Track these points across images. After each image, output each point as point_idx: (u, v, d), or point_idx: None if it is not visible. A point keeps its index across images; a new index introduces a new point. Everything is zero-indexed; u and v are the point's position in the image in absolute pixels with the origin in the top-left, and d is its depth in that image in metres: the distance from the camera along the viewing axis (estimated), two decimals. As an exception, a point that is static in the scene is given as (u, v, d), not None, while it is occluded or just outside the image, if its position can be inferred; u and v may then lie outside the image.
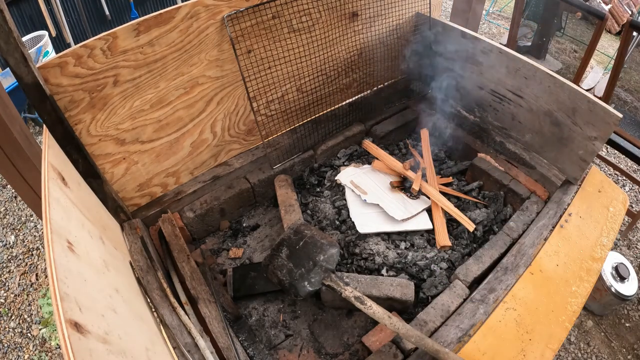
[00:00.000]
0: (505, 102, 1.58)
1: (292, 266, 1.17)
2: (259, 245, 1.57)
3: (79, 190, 1.12)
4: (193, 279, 1.26)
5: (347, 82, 1.76)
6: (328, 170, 1.75)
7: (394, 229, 1.47)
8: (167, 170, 1.48)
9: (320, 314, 1.35)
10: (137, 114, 1.29)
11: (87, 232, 0.97)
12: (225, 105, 1.49)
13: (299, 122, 1.71)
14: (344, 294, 1.12)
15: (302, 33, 1.46)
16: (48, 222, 0.76)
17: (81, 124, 1.19)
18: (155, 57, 1.22)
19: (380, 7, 1.61)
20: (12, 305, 2.39)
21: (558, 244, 1.24)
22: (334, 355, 1.25)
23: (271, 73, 1.45)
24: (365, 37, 1.64)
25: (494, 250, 1.33)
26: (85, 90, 1.14)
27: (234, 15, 1.29)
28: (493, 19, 5.61)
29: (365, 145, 1.81)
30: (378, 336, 1.19)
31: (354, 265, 1.41)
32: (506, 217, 1.52)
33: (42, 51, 3.53)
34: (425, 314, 1.17)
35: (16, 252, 2.68)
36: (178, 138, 1.44)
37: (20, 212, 2.95)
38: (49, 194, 0.83)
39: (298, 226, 1.28)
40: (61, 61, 1.06)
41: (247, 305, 1.38)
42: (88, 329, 0.66)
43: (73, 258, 0.79)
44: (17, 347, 2.19)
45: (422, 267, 1.38)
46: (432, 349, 1.00)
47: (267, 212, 1.70)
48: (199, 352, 1.05)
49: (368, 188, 1.59)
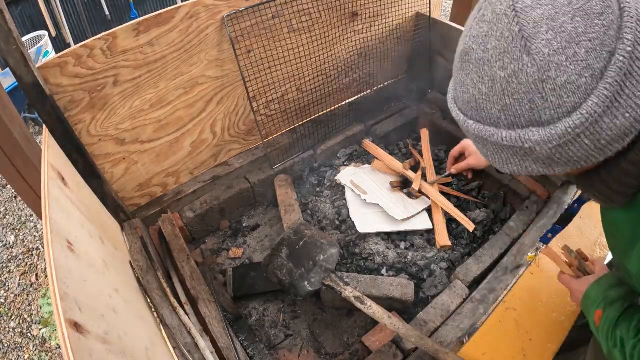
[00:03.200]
0: (505, 102, 1.57)
1: (292, 266, 1.17)
2: (259, 245, 1.57)
3: (79, 190, 1.12)
4: (193, 279, 1.26)
5: (347, 82, 1.76)
6: (328, 170, 1.75)
7: (394, 229, 1.47)
8: (167, 170, 1.48)
9: (320, 314, 1.35)
10: (137, 114, 1.29)
11: (87, 232, 0.97)
12: (225, 105, 1.49)
13: (299, 122, 1.71)
14: (344, 294, 1.12)
15: (302, 33, 1.46)
16: (48, 222, 0.76)
17: (81, 124, 1.19)
18: (155, 57, 1.22)
19: (380, 7, 1.61)
20: (12, 305, 2.39)
21: (558, 244, 1.24)
22: (334, 355, 1.25)
23: (271, 73, 1.45)
24: (365, 37, 1.64)
25: (494, 250, 1.33)
26: (85, 90, 1.14)
27: (234, 15, 1.29)
28: (493, 18, 5.60)
29: (365, 145, 1.81)
30: (378, 336, 1.19)
31: (354, 265, 1.41)
32: (506, 217, 1.52)
33: (42, 51, 3.53)
34: (425, 314, 1.17)
35: (16, 252, 2.69)
36: (178, 138, 1.44)
37: (20, 212, 2.95)
38: (49, 194, 0.83)
39: (298, 226, 1.28)
40: (61, 61, 1.06)
41: (247, 305, 1.38)
42: (88, 329, 0.66)
43: (73, 258, 0.79)
44: (17, 347, 2.19)
45: (422, 267, 1.38)
46: (432, 349, 1.00)
47: (267, 212, 1.70)
48: (199, 352, 1.05)
49: (368, 188, 1.59)
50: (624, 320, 0.73)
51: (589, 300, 0.84)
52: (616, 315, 0.75)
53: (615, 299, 0.78)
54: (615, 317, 0.75)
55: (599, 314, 0.79)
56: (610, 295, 0.79)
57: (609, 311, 0.77)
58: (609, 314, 0.76)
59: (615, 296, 0.78)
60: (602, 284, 0.84)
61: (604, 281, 0.85)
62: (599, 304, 0.80)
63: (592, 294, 0.84)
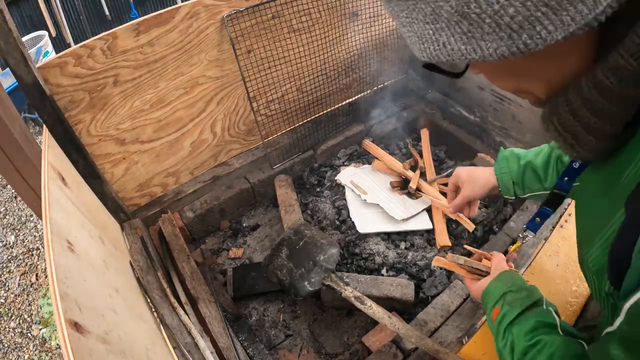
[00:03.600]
0: (505, 102, 1.58)
1: (292, 266, 1.17)
2: (259, 245, 1.57)
3: (79, 190, 1.12)
4: (193, 279, 1.26)
5: (347, 82, 1.76)
6: (328, 170, 1.75)
7: (394, 229, 1.47)
8: (167, 170, 1.48)
9: (320, 314, 1.35)
10: (137, 114, 1.29)
11: (87, 232, 0.97)
12: (225, 105, 1.49)
13: (299, 122, 1.71)
14: (344, 294, 1.12)
15: (302, 33, 1.46)
16: (48, 222, 0.76)
17: (81, 124, 1.19)
18: (155, 57, 1.22)
19: (380, 7, 1.61)
20: (12, 305, 2.39)
21: (558, 244, 1.24)
22: (334, 355, 1.25)
23: (271, 73, 1.45)
24: (365, 37, 1.64)
25: (494, 250, 1.33)
26: (85, 90, 1.14)
27: (234, 15, 1.29)
28: (493, 18, 5.61)
29: (365, 145, 1.81)
30: (378, 336, 1.19)
31: (354, 265, 1.41)
32: (506, 217, 1.52)
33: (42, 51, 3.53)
34: (425, 314, 1.17)
35: (16, 252, 2.68)
36: (178, 138, 1.44)
37: (20, 212, 2.95)
38: (49, 194, 0.83)
39: (298, 226, 1.28)
40: (61, 61, 1.06)
41: (247, 305, 1.38)
42: (88, 329, 0.66)
43: (73, 258, 0.79)
44: (17, 347, 2.19)
45: (422, 267, 1.38)
46: (432, 349, 1.00)
47: (267, 212, 1.70)
48: (199, 352, 1.05)
49: (368, 188, 1.59)
50: (519, 322, 0.70)
51: (488, 296, 0.81)
52: (512, 315, 0.72)
53: (516, 298, 0.75)
54: (511, 318, 0.72)
55: (497, 311, 0.76)
56: (510, 295, 0.76)
57: (506, 309, 0.74)
58: (506, 313, 0.73)
59: (516, 296, 0.75)
60: (503, 280, 0.81)
61: (504, 277, 0.82)
62: (496, 301, 0.78)
63: (491, 290, 0.81)
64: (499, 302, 0.77)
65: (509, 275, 0.83)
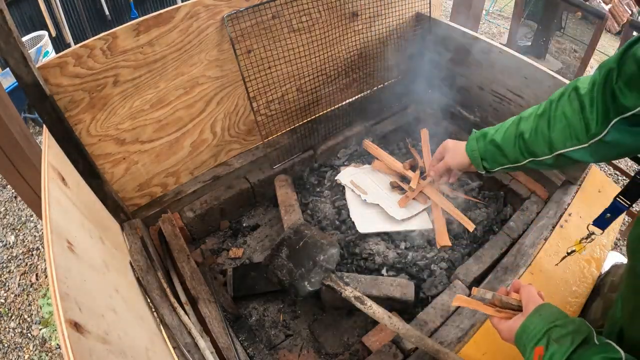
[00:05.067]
0: (505, 102, 1.58)
1: (292, 266, 1.17)
2: (259, 245, 1.57)
3: (79, 190, 1.12)
4: (193, 279, 1.26)
5: (347, 82, 1.76)
6: (328, 170, 1.75)
7: (394, 229, 1.47)
8: (167, 170, 1.48)
9: (320, 314, 1.35)
10: (137, 114, 1.29)
11: (87, 232, 0.97)
12: (225, 105, 1.49)
13: (299, 122, 1.71)
14: (344, 294, 1.12)
15: (302, 33, 1.46)
16: (48, 222, 0.76)
17: (81, 124, 1.19)
18: (155, 57, 1.22)
19: (380, 7, 1.61)
20: (12, 305, 2.39)
21: (558, 244, 1.24)
22: (334, 355, 1.25)
23: (271, 73, 1.45)
24: (365, 37, 1.64)
25: (494, 250, 1.33)
26: (85, 90, 1.14)
27: (234, 15, 1.29)
28: (493, 18, 5.61)
29: (365, 145, 1.81)
30: (378, 336, 1.19)
31: (354, 265, 1.41)
32: (506, 217, 1.52)
33: (42, 51, 3.54)
34: (425, 314, 1.17)
35: (16, 252, 2.69)
36: (178, 138, 1.44)
37: (20, 212, 2.96)
38: (49, 194, 0.83)
39: (298, 226, 1.28)
40: (61, 61, 1.06)
41: (247, 305, 1.38)
42: (88, 329, 0.66)
43: (73, 258, 0.79)
44: (17, 347, 2.19)
45: (422, 267, 1.38)
46: (432, 349, 1.00)
47: (267, 212, 1.70)
48: (199, 352, 1.05)
49: (368, 188, 1.59)
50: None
51: (526, 335, 0.69)
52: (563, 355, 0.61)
53: (563, 334, 0.63)
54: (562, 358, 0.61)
55: (540, 352, 0.65)
56: (556, 330, 0.65)
57: (554, 349, 0.63)
58: (554, 353, 0.62)
59: (563, 332, 0.64)
60: (544, 315, 0.69)
61: (545, 310, 0.70)
62: (539, 339, 0.66)
63: (529, 327, 0.69)
64: (542, 340, 0.66)
65: (548, 308, 0.71)
